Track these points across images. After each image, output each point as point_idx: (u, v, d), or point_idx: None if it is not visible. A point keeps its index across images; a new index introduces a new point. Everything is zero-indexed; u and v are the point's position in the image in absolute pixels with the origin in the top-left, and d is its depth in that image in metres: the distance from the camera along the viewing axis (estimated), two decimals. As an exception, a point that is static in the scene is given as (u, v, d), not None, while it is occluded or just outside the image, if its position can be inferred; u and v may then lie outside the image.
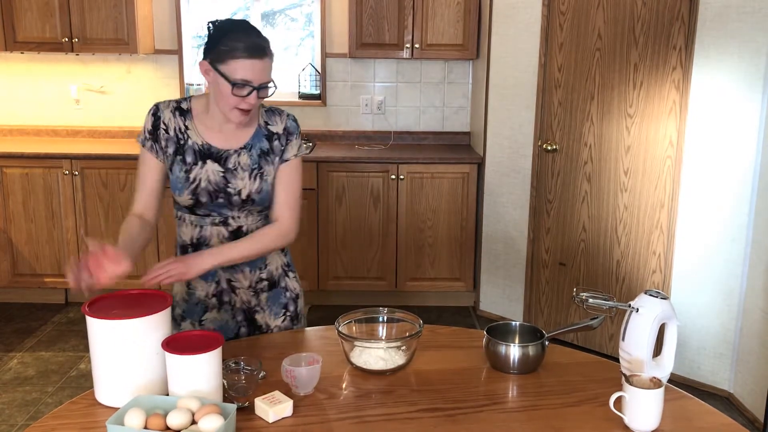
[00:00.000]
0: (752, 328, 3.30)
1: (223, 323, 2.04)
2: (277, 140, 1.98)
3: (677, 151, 3.47)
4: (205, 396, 1.51)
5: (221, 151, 1.93)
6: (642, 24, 3.52)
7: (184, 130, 1.93)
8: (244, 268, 2.01)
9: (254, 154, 1.95)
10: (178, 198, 1.96)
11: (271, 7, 5.05)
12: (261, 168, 1.95)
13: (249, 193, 1.93)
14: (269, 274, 2.06)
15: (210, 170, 1.92)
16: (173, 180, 1.93)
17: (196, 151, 1.92)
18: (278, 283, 2.08)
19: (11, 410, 3.28)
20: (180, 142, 1.92)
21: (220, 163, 1.92)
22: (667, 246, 3.56)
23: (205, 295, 2.02)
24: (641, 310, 1.67)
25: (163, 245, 4.44)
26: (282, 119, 2.00)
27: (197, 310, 2.04)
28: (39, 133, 4.93)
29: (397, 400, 1.65)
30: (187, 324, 2.05)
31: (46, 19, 4.46)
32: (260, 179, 1.94)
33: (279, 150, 1.97)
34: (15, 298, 4.61)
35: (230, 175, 1.92)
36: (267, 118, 1.99)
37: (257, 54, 1.81)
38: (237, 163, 1.93)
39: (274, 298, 2.07)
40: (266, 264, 2.05)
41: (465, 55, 4.54)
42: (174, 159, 1.93)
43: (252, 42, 1.81)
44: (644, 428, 1.51)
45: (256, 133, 1.96)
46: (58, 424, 1.53)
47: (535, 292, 4.19)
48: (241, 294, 2.03)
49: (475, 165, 4.41)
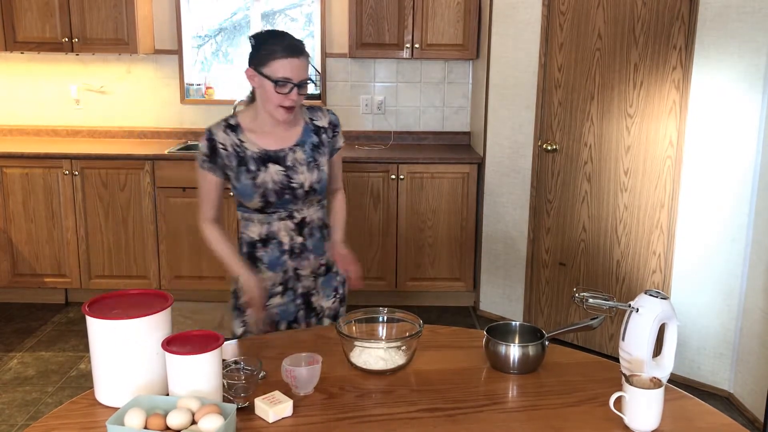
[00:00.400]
0: (752, 328, 3.30)
1: (285, 307, 2.21)
2: (324, 133, 2.20)
3: (677, 151, 3.47)
4: (205, 396, 1.51)
5: (278, 152, 2.12)
6: (642, 24, 3.52)
7: (239, 143, 2.10)
8: (309, 255, 2.19)
9: (307, 149, 2.15)
10: (248, 203, 2.14)
11: (271, 7, 5.05)
12: (316, 160, 2.16)
13: (311, 184, 2.13)
14: (327, 260, 2.25)
15: (273, 172, 2.10)
16: (241, 189, 2.11)
17: (256, 159, 2.10)
18: (332, 268, 2.27)
19: (11, 410, 3.28)
20: (240, 155, 2.10)
21: (280, 164, 2.11)
22: (667, 246, 3.57)
23: (272, 284, 2.18)
24: (641, 310, 1.67)
25: (163, 245, 4.44)
26: (324, 114, 2.22)
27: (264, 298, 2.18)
28: (39, 133, 4.93)
29: (397, 400, 1.65)
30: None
31: (46, 19, 4.46)
32: (317, 170, 2.15)
33: (328, 141, 2.21)
34: (15, 298, 4.60)
35: (291, 172, 2.11)
36: (311, 114, 2.20)
37: (295, 53, 2.01)
38: (294, 159, 2.12)
39: (327, 281, 2.26)
40: (325, 251, 2.24)
41: (465, 55, 4.54)
42: (239, 170, 2.10)
43: (289, 43, 2.02)
44: (644, 428, 1.51)
45: (305, 130, 2.17)
46: (58, 424, 1.53)
47: (535, 292, 4.19)
48: (304, 280, 2.21)
49: (475, 165, 4.41)
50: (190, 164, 4.36)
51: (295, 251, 2.16)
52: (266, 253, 2.16)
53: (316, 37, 4.92)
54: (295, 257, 2.17)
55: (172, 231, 4.44)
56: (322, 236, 2.22)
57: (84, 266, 4.48)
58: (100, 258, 4.48)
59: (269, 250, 2.16)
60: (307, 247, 2.17)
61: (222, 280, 4.51)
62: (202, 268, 4.49)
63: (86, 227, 4.44)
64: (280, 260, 2.16)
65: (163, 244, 4.45)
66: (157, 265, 4.48)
